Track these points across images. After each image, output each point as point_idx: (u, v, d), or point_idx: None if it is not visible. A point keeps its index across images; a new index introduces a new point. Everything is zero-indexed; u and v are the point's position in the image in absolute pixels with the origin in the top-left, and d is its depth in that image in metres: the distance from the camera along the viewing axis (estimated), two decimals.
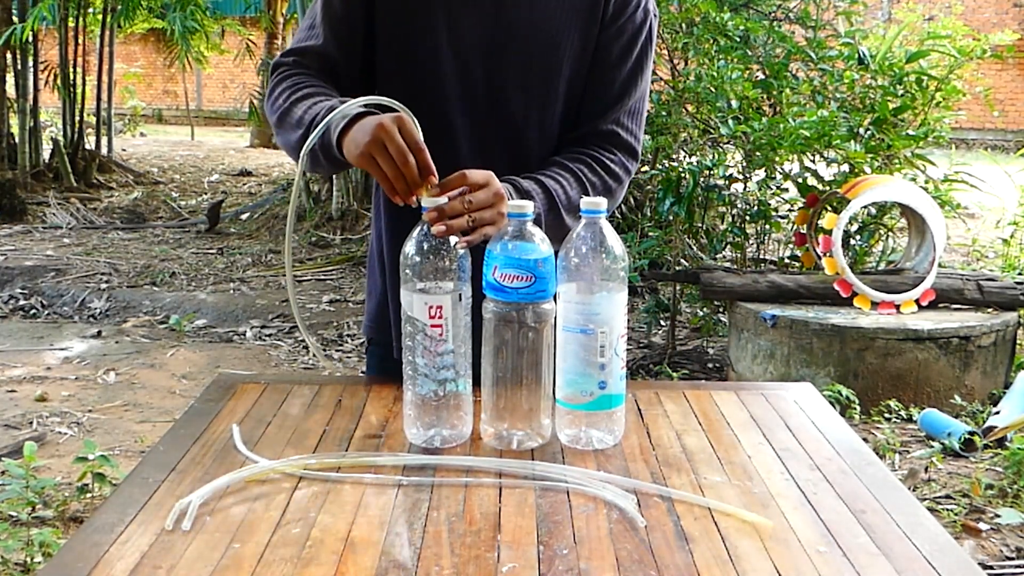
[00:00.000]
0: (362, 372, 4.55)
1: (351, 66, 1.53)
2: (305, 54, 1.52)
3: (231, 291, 6.03)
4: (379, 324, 1.65)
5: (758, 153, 4.51)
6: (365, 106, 1.34)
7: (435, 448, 1.28)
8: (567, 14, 1.49)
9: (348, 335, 5.16)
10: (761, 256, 5.33)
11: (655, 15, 1.56)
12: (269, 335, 5.22)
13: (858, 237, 4.91)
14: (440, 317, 1.24)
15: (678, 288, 4.81)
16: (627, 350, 1.32)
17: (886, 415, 3.72)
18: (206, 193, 9.91)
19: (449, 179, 1.28)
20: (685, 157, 5.24)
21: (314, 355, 4.84)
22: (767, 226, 5.00)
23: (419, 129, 1.29)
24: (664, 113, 4.73)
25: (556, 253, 1.27)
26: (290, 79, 1.48)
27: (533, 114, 1.52)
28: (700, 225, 5.13)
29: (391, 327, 1.59)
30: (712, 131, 4.88)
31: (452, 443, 1.29)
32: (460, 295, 1.25)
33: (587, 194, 1.48)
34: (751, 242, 5.16)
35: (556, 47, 1.49)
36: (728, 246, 5.23)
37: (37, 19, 8.47)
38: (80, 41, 9.89)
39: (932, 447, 3.47)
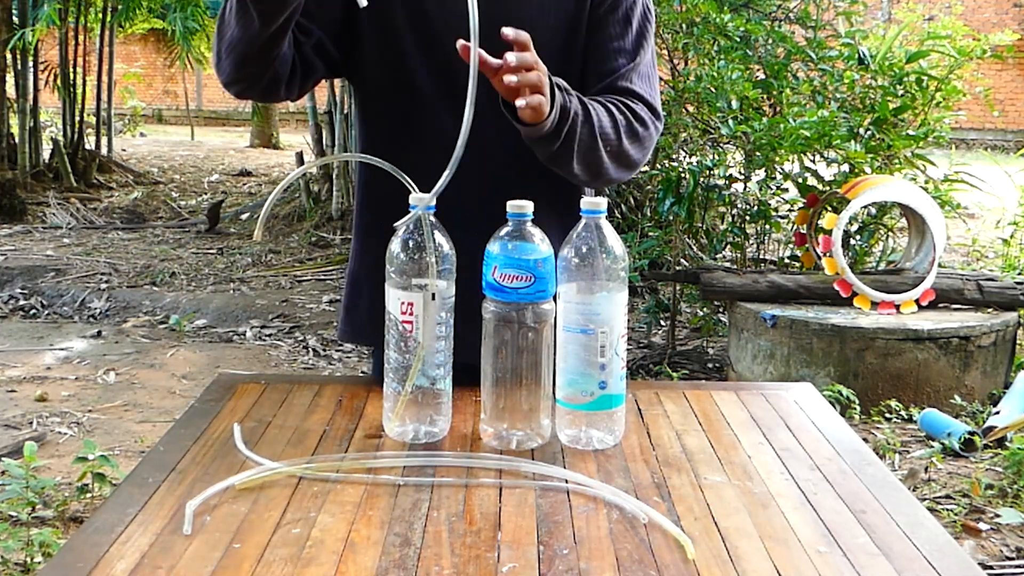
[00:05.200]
0: (363, 372, 4.56)
1: (321, 21, 1.46)
2: None
3: (231, 291, 6.03)
4: None
5: (758, 153, 4.51)
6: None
7: (420, 444, 1.29)
8: (549, 4, 1.49)
9: None
10: (761, 256, 5.33)
11: None
12: (269, 335, 5.22)
13: (858, 237, 4.90)
14: (411, 314, 1.25)
15: (678, 288, 4.81)
16: (627, 350, 1.32)
17: (886, 415, 3.72)
18: (206, 193, 9.90)
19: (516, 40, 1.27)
20: (685, 157, 5.24)
21: (313, 352, 4.84)
22: (767, 226, 4.99)
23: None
24: (664, 113, 4.72)
25: (556, 252, 1.27)
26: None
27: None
28: (700, 225, 5.12)
29: None
30: (712, 131, 4.88)
31: (424, 439, 1.29)
32: (434, 294, 1.26)
33: (616, 127, 1.44)
34: (751, 242, 5.16)
35: (540, 36, 1.49)
36: (728, 246, 5.23)
37: (46, 23, 8.44)
38: (80, 41, 9.88)
39: (932, 447, 3.47)
